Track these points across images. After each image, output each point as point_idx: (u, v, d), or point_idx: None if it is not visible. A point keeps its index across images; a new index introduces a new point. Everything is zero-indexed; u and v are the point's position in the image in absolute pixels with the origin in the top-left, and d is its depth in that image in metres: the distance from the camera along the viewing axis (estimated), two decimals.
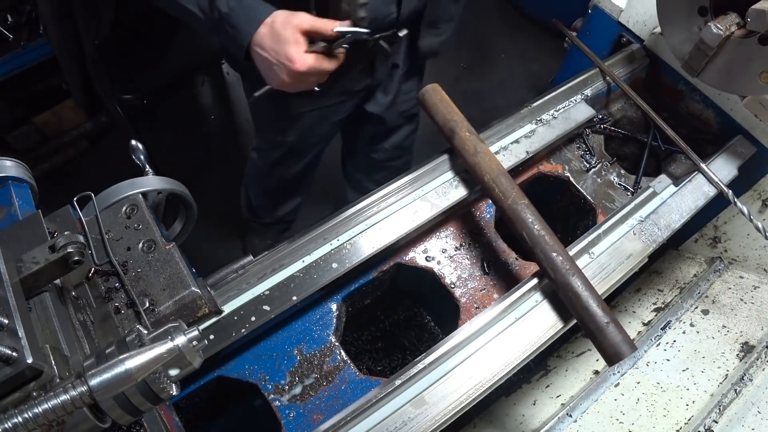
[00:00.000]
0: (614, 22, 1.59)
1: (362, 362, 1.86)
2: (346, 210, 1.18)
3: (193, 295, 0.94)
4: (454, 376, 1.00)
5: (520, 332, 1.05)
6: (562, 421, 1.21)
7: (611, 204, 1.39)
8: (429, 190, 1.23)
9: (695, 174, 1.27)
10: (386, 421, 0.96)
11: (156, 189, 1.25)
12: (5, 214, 0.97)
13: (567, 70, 1.80)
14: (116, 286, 0.94)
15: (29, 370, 0.64)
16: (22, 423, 0.58)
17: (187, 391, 1.10)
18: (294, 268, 1.11)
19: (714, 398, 1.16)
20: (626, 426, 1.16)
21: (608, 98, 1.50)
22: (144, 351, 0.62)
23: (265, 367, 1.13)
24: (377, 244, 1.15)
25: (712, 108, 1.45)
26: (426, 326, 1.87)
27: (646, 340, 1.33)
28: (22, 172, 1.06)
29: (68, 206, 0.99)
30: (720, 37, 1.08)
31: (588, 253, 1.15)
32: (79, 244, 0.76)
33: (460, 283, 1.25)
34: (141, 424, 0.87)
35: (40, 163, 2.78)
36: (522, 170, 1.40)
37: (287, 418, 1.08)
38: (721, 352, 1.25)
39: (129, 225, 1.00)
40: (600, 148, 1.47)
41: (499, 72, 3.61)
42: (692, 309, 1.38)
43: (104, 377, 0.60)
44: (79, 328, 0.82)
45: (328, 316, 1.19)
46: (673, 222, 1.21)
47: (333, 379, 1.12)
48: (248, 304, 1.07)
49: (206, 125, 3.32)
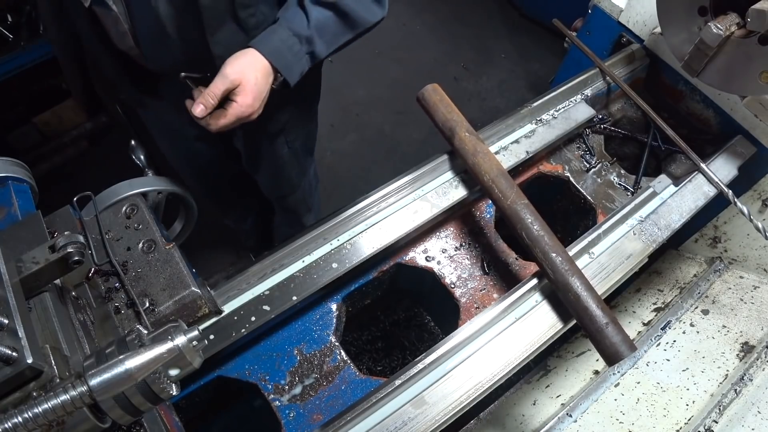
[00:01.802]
0: (614, 22, 1.59)
1: (362, 362, 1.86)
2: (346, 210, 1.18)
3: (193, 295, 0.94)
4: (454, 376, 1.00)
5: (520, 332, 1.05)
6: (562, 421, 1.21)
7: (611, 204, 1.39)
8: (429, 190, 1.23)
9: (695, 174, 1.27)
10: (386, 421, 0.96)
11: (156, 189, 1.26)
12: (5, 214, 0.97)
13: (567, 70, 1.80)
14: (116, 286, 0.94)
15: (29, 370, 0.64)
16: (22, 423, 0.58)
17: (187, 391, 1.10)
18: (294, 268, 1.11)
19: (714, 398, 1.16)
20: (626, 426, 1.16)
21: (608, 98, 1.50)
22: (144, 351, 0.62)
23: (265, 367, 1.13)
24: (377, 244, 1.15)
25: (712, 108, 1.45)
26: (426, 326, 1.87)
27: (646, 340, 1.33)
28: (22, 172, 1.06)
29: (68, 206, 0.99)
30: (720, 37, 1.08)
31: (588, 253, 1.15)
32: (79, 244, 0.76)
33: (460, 283, 1.25)
34: (141, 424, 0.87)
35: (40, 163, 2.78)
36: (522, 170, 1.40)
37: (287, 418, 1.08)
38: (721, 352, 1.25)
39: (129, 225, 1.00)
40: (600, 148, 1.47)
41: (499, 72, 3.61)
42: (692, 309, 1.38)
43: (104, 377, 0.60)
44: (79, 328, 0.82)
45: (328, 316, 1.19)
46: (673, 222, 1.21)
47: (333, 379, 1.12)
48: (248, 304, 1.07)
49: None
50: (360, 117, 3.35)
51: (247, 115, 1.21)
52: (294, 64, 1.25)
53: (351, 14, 1.28)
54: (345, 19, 1.29)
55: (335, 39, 1.31)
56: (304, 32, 1.23)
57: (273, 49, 1.21)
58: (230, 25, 1.25)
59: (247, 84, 1.18)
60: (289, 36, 1.23)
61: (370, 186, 1.21)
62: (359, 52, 3.61)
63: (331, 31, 1.29)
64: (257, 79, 1.19)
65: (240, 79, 1.17)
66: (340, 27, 1.30)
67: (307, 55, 1.27)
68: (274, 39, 1.22)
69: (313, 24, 1.24)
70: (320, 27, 1.25)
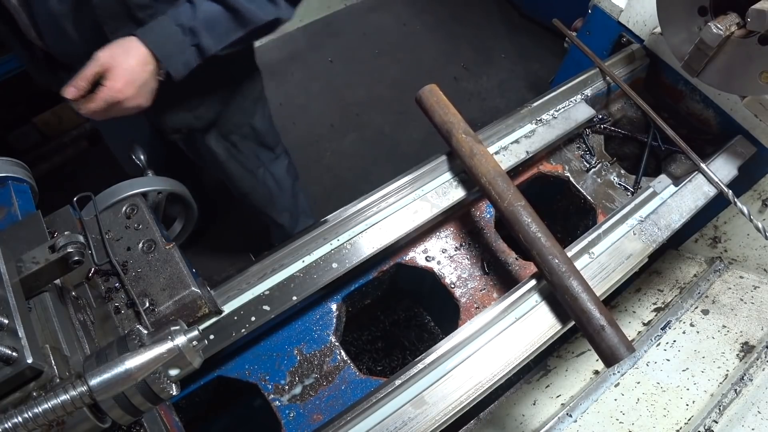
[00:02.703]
0: (614, 22, 1.59)
1: (362, 362, 1.86)
2: (346, 210, 1.18)
3: (193, 295, 0.94)
4: (454, 376, 1.00)
5: (520, 332, 1.05)
6: (562, 421, 1.21)
7: (611, 204, 1.39)
8: (429, 190, 1.23)
9: (695, 174, 1.27)
10: (386, 421, 0.96)
11: (156, 189, 1.26)
12: (5, 214, 0.97)
13: (567, 70, 1.80)
14: (116, 286, 0.94)
15: (29, 370, 0.64)
16: (22, 423, 0.58)
17: (187, 391, 1.10)
18: (294, 268, 1.11)
19: (714, 398, 1.16)
20: (626, 426, 1.16)
21: (608, 98, 1.50)
22: (144, 351, 0.62)
23: (265, 367, 1.13)
24: (377, 244, 1.16)
25: (712, 108, 1.45)
26: (426, 326, 1.87)
27: (646, 340, 1.33)
28: (22, 172, 1.06)
29: (68, 206, 0.98)
30: (720, 37, 1.08)
31: (588, 253, 1.15)
32: (79, 244, 0.76)
33: (460, 283, 1.25)
34: (141, 424, 0.87)
35: (40, 163, 2.78)
36: (522, 170, 1.40)
37: (287, 418, 1.08)
38: (721, 352, 1.25)
39: (129, 225, 1.00)
40: (600, 148, 1.47)
41: (499, 72, 3.61)
42: (692, 309, 1.38)
43: (104, 377, 0.60)
44: (79, 328, 0.82)
45: (328, 316, 1.19)
46: (673, 222, 1.21)
47: (333, 379, 1.12)
48: (248, 304, 1.07)
49: None
50: (360, 117, 3.35)
51: (117, 100, 1.20)
52: (176, 55, 1.25)
53: (241, 10, 1.29)
54: (235, 14, 1.29)
55: (226, 34, 1.31)
56: (187, 23, 1.24)
57: (154, 37, 1.22)
58: (130, 25, 1.27)
59: (117, 68, 1.18)
60: (172, 26, 1.24)
61: (370, 186, 1.21)
62: (359, 52, 3.61)
63: (222, 26, 1.30)
64: (131, 66, 1.19)
65: (110, 63, 1.17)
66: (231, 23, 1.31)
67: (193, 48, 1.27)
68: (155, 27, 1.23)
69: (200, 17, 1.25)
70: (209, 20, 1.26)
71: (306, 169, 3.12)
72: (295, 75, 3.48)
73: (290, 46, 3.61)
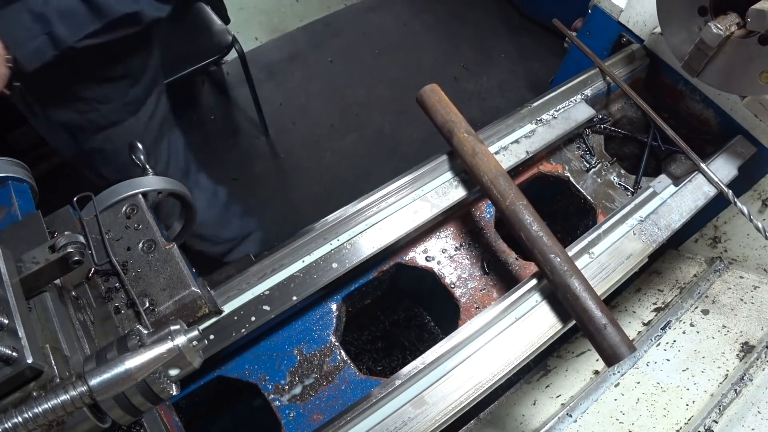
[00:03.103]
0: (614, 22, 1.59)
1: (362, 362, 1.86)
2: (346, 210, 1.18)
3: (193, 295, 0.94)
4: (454, 376, 1.00)
5: (520, 332, 1.05)
6: (562, 421, 1.21)
7: (611, 204, 1.39)
8: (429, 190, 1.23)
9: (695, 174, 1.27)
10: (386, 421, 0.96)
11: (156, 189, 1.25)
12: (5, 214, 0.97)
13: (567, 70, 1.80)
14: (116, 286, 0.94)
15: (29, 370, 0.64)
16: (22, 423, 0.58)
17: (187, 391, 1.10)
18: (294, 268, 1.11)
19: (714, 398, 1.16)
20: (626, 426, 1.16)
21: (608, 98, 1.50)
22: (144, 351, 0.62)
23: (265, 367, 1.13)
24: (377, 244, 1.15)
25: (712, 108, 1.45)
26: (426, 326, 1.87)
27: (646, 340, 1.33)
28: (22, 172, 1.06)
29: (68, 206, 0.98)
30: (720, 37, 1.08)
31: (588, 253, 1.15)
32: (79, 244, 0.76)
33: (460, 283, 1.25)
34: (141, 424, 0.87)
35: (40, 163, 2.78)
36: (522, 170, 1.40)
37: (287, 418, 1.08)
38: (721, 352, 1.25)
39: (129, 225, 1.00)
40: (600, 148, 1.47)
41: (499, 72, 3.61)
42: (692, 309, 1.38)
43: (104, 377, 0.60)
44: (79, 328, 0.82)
45: (328, 316, 1.19)
46: (673, 222, 1.21)
47: (333, 379, 1.12)
48: (248, 304, 1.07)
49: (206, 125, 3.32)
50: (360, 117, 3.35)
51: None
52: (26, 42, 1.24)
53: (97, 1, 1.28)
54: (90, 5, 1.28)
55: (82, 25, 1.30)
56: (37, 9, 1.23)
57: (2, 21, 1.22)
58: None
59: None
60: (22, 12, 1.23)
61: (370, 186, 1.21)
62: (359, 52, 3.61)
63: (78, 16, 1.29)
64: None
65: None
66: (87, 13, 1.30)
67: (45, 36, 1.26)
68: (4, 12, 1.23)
69: (52, 3, 1.24)
70: (63, 10, 1.26)
71: (306, 169, 3.12)
72: (295, 75, 3.48)
73: (290, 46, 3.61)
